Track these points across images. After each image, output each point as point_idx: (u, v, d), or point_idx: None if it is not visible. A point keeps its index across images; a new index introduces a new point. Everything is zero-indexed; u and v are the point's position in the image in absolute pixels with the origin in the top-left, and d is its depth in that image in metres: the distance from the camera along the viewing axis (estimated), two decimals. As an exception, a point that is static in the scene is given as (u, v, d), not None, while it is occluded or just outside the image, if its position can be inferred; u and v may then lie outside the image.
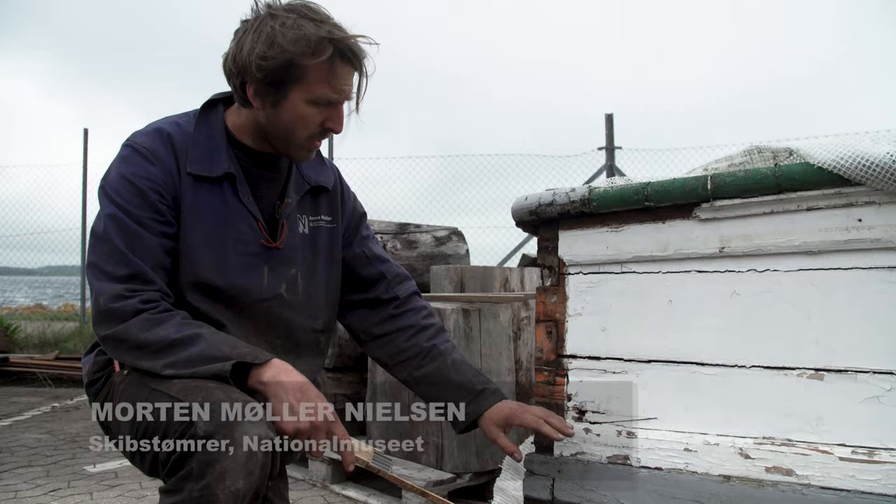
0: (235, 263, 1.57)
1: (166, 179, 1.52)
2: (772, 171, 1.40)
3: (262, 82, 1.49)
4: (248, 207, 1.59)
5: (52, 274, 25.98)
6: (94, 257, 1.50)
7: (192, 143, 1.57)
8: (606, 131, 8.36)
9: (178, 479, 1.33)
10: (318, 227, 1.73)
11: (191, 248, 1.54)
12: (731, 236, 1.48)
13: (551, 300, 1.70)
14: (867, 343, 1.36)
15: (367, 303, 1.82)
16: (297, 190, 1.69)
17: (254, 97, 1.52)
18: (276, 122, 1.54)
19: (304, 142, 1.57)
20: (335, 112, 1.55)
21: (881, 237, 1.34)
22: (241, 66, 1.49)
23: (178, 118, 1.62)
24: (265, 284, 1.61)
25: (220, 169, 1.56)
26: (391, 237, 4.10)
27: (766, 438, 1.44)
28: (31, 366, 6.83)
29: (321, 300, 1.73)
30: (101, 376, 1.63)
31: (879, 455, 1.32)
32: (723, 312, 1.50)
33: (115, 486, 3.42)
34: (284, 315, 1.65)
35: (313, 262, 1.71)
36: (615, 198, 1.57)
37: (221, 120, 1.62)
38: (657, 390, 1.57)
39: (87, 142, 9.75)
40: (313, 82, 1.49)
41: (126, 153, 1.54)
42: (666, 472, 1.52)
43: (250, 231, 1.59)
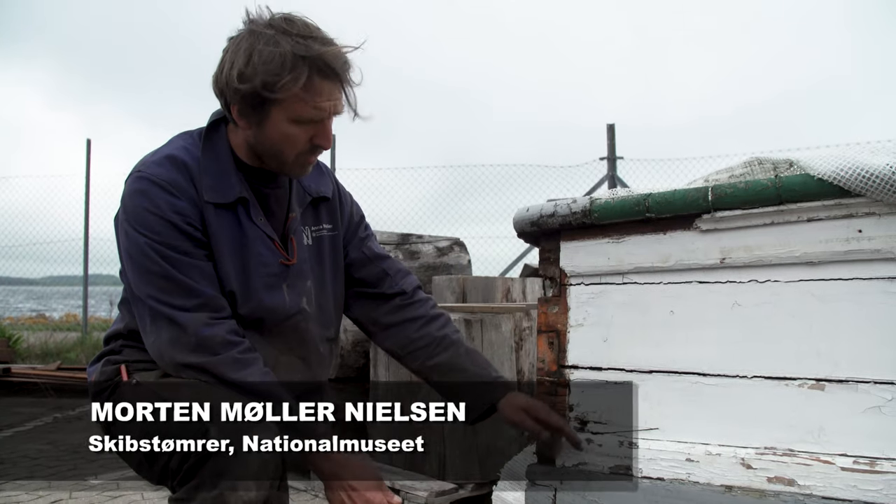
0: (259, 286, 1.59)
1: (194, 211, 1.53)
2: (772, 182, 1.41)
3: (242, 103, 1.48)
4: (262, 229, 1.60)
5: (55, 284, 25.99)
6: (155, 292, 1.50)
7: (203, 171, 1.56)
8: (608, 141, 8.38)
9: (190, 489, 1.35)
10: (320, 237, 1.74)
11: (221, 277, 1.56)
12: (732, 247, 1.48)
13: (553, 311, 1.71)
14: (868, 353, 1.36)
15: (372, 297, 1.83)
16: (300, 203, 1.70)
17: (238, 118, 1.52)
18: (264, 141, 1.54)
19: (294, 159, 1.56)
20: (321, 128, 1.54)
21: (881, 248, 1.34)
22: (222, 88, 1.49)
23: (185, 142, 1.61)
24: (288, 301, 1.62)
25: (232, 194, 1.57)
26: (393, 248, 4.11)
27: (768, 449, 1.44)
28: (33, 376, 6.83)
29: (331, 309, 1.75)
30: (108, 386, 1.63)
31: (881, 465, 1.33)
32: (724, 323, 1.50)
33: (116, 497, 3.42)
34: (308, 328, 1.67)
35: (321, 272, 1.72)
36: (616, 209, 1.58)
37: (225, 141, 1.62)
38: (659, 401, 1.57)
39: (90, 152, 9.78)
40: (293, 102, 1.47)
41: (144, 186, 1.52)
42: (668, 482, 1.52)
43: (268, 252, 1.60)
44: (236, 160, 1.61)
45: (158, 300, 1.49)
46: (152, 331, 1.52)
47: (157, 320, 1.51)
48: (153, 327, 1.52)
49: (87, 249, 9.67)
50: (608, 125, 8.42)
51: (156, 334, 1.51)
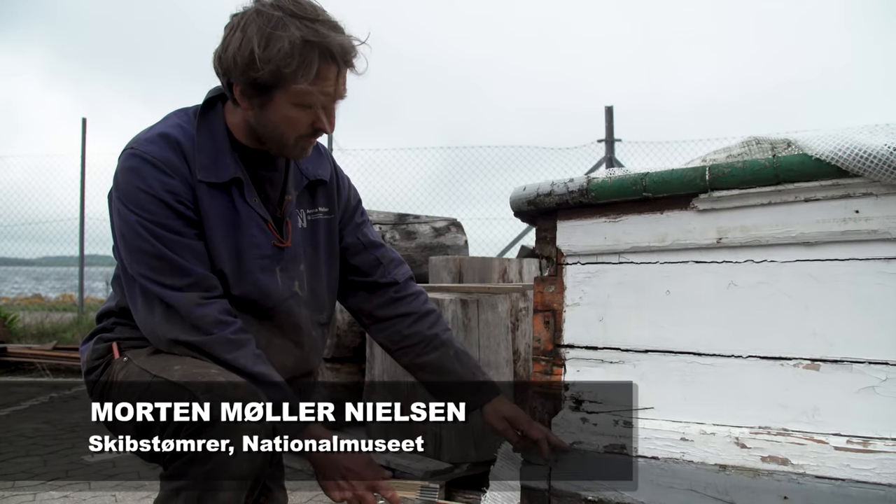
0: (253, 268, 1.58)
1: (186, 190, 1.51)
2: (770, 162, 1.41)
3: (247, 86, 1.47)
4: (256, 210, 1.58)
5: (51, 265, 25.95)
6: (146, 271, 1.50)
7: (198, 150, 1.54)
8: (606, 123, 8.35)
9: (182, 464, 1.35)
10: (315, 220, 1.73)
11: (214, 257, 1.55)
12: (729, 227, 1.48)
13: (549, 290, 1.71)
14: (863, 333, 1.37)
15: (365, 286, 1.83)
16: (296, 186, 1.69)
17: (240, 98, 1.50)
18: (265, 123, 1.52)
19: (295, 142, 1.55)
20: (325, 112, 1.53)
21: (878, 228, 1.34)
22: (227, 68, 1.47)
23: (180, 119, 1.60)
24: (281, 285, 1.62)
25: (227, 174, 1.55)
26: (390, 228, 4.11)
27: (763, 428, 1.45)
28: (29, 356, 6.83)
29: (324, 293, 1.74)
30: (100, 364, 1.63)
31: (874, 444, 1.33)
32: (720, 303, 1.50)
33: (113, 476, 3.43)
34: (300, 312, 1.66)
35: (314, 256, 1.71)
36: (613, 188, 1.57)
37: (222, 120, 1.60)
38: (654, 380, 1.57)
39: (86, 131, 9.72)
40: (298, 87, 1.46)
41: (136, 164, 1.51)
42: (662, 461, 1.52)
43: (262, 234, 1.59)
44: (232, 140, 1.59)
45: (150, 279, 1.49)
46: (144, 309, 1.52)
47: (148, 299, 1.51)
48: (145, 306, 1.52)
49: (83, 229, 9.64)
50: (606, 107, 8.39)
51: (148, 312, 1.51)
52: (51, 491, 3.17)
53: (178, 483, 1.34)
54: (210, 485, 1.33)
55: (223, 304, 1.53)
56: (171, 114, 1.63)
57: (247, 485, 1.36)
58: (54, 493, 3.16)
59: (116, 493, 3.15)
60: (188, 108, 1.63)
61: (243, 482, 1.35)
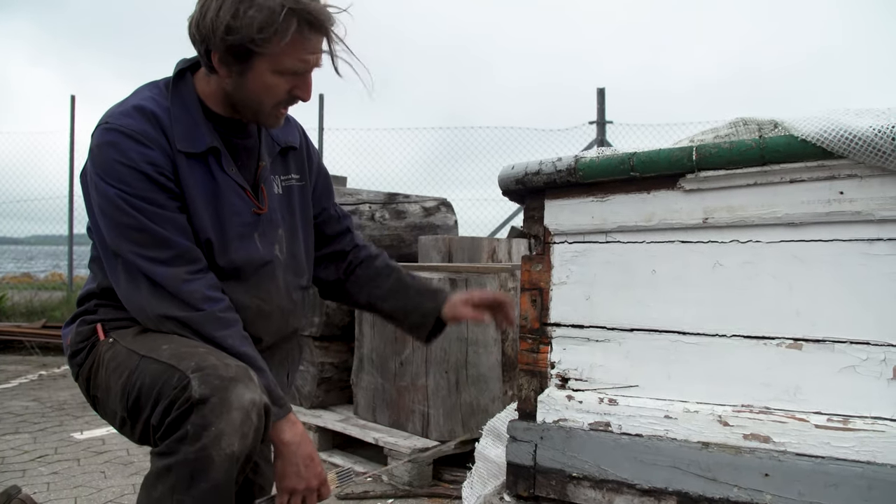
0: (234, 236, 1.58)
1: (166, 161, 1.50)
2: (756, 142, 1.41)
3: (226, 52, 1.45)
4: (234, 179, 1.58)
5: (40, 244, 25.82)
6: (129, 245, 1.48)
7: (173, 121, 1.53)
8: (598, 105, 8.35)
9: (173, 442, 1.34)
10: (290, 187, 1.74)
11: (196, 227, 1.55)
12: (715, 207, 1.49)
13: (536, 269, 1.72)
14: (846, 314, 1.38)
15: (332, 256, 1.89)
16: (269, 152, 1.70)
17: (219, 65, 1.49)
18: (243, 91, 1.52)
19: (271, 110, 1.55)
20: (302, 80, 1.53)
21: (862, 210, 1.35)
22: (205, 35, 1.45)
23: (151, 92, 1.58)
24: (261, 250, 1.62)
25: (203, 144, 1.54)
26: (380, 207, 4.10)
27: (745, 406, 1.47)
28: (18, 334, 6.82)
29: (303, 258, 1.76)
30: (84, 346, 1.61)
31: (854, 423, 1.35)
32: (705, 283, 1.51)
33: (102, 453, 3.44)
34: (283, 276, 1.67)
35: (291, 221, 1.73)
36: (601, 167, 1.58)
37: (193, 90, 1.59)
38: (639, 359, 1.59)
39: (75, 109, 9.64)
40: (279, 54, 1.46)
41: (113, 138, 1.48)
42: (646, 438, 1.54)
43: (241, 202, 1.59)
44: (205, 110, 1.59)
45: (134, 253, 1.48)
46: (128, 285, 1.51)
47: (132, 275, 1.49)
48: (129, 282, 1.51)
49: (72, 207, 9.59)
50: (598, 89, 8.38)
51: (133, 289, 1.50)
52: (40, 468, 3.18)
53: (170, 460, 1.33)
54: (202, 463, 1.31)
55: (210, 279, 1.53)
56: (141, 87, 1.62)
57: (239, 462, 1.36)
58: (43, 469, 3.17)
59: (105, 470, 3.16)
60: (158, 80, 1.62)
61: (235, 460, 1.34)
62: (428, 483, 2.89)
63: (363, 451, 3.31)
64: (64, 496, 2.81)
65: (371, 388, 3.28)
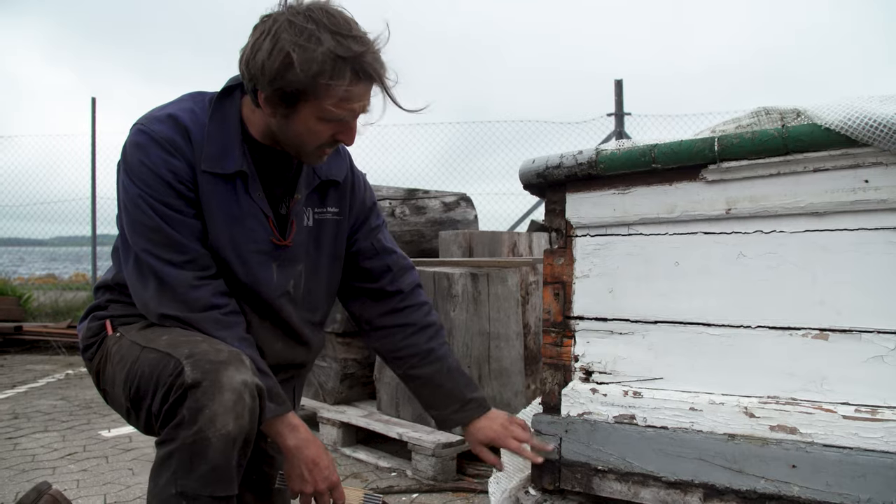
0: (249, 260, 1.60)
1: (188, 171, 1.53)
2: (779, 132, 1.40)
3: (273, 94, 1.45)
4: (259, 205, 1.59)
5: (63, 245, 26.11)
6: (144, 244, 1.52)
7: (207, 139, 1.54)
8: (616, 97, 8.31)
9: (171, 429, 1.38)
10: (323, 220, 1.72)
11: (212, 242, 1.57)
12: (738, 198, 1.48)
13: (559, 262, 1.72)
14: (872, 303, 1.37)
15: (370, 292, 1.85)
16: (308, 185, 1.68)
17: (265, 105, 1.49)
18: (287, 132, 1.52)
19: (314, 150, 1.55)
20: (347, 126, 1.52)
21: (887, 198, 1.34)
22: (254, 74, 1.45)
23: (195, 104, 1.59)
24: (275, 281, 1.64)
25: (231, 167, 1.55)
26: (399, 203, 4.11)
27: (771, 398, 1.46)
28: (44, 334, 6.92)
29: (321, 295, 1.77)
30: (95, 341, 1.69)
31: (882, 413, 1.34)
32: (729, 274, 1.51)
33: (129, 450, 3.48)
34: (292, 311, 1.69)
35: (316, 257, 1.72)
36: (622, 160, 1.57)
37: (237, 111, 1.59)
38: (663, 351, 1.58)
39: (95, 111, 9.73)
40: (327, 103, 1.45)
41: (142, 140, 1.52)
42: (672, 431, 1.54)
43: (261, 229, 1.60)
44: (244, 132, 1.59)
45: (148, 252, 1.51)
46: (138, 282, 1.55)
47: (143, 272, 1.53)
48: (139, 278, 1.55)
49: (95, 209, 9.68)
50: (616, 81, 8.34)
51: (141, 286, 1.54)
52: (69, 465, 3.23)
53: (170, 447, 1.37)
54: (199, 446, 1.35)
55: (218, 286, 1.56)
56: (186, 95, 1.63)
57: (237, 444, 1.39)
58: (73, 466, 3.22)
59: (133, 467, 3.20)
60: (206, 92, 1.63)
61: (232, 440, 1.37)
62: (452, 477, 2.90)
63: (387, 447, 3.32)
64: (94, 493, 2.85)
65: (394, 383, 3.29)
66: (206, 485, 1.36)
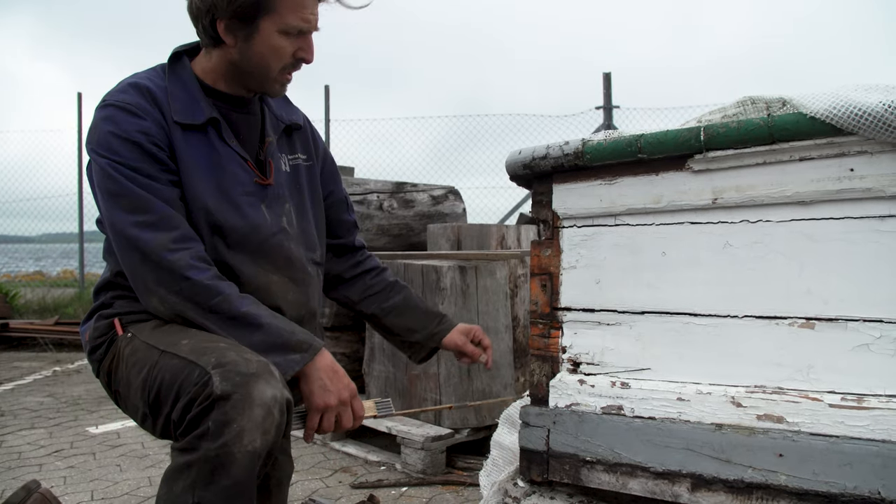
0: (240, 203, 1.61)
1: (159, 130, 1.53)
2: (764, 121, 1.40)
3: (232, 17, 1.52)
4: (235, 150, 1.62)
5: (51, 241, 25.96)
6: (119, 214, 1.50)
7: (170, 97, 1.57)
8: (604, 90, 8.32)
9: (194, 438, 1.33)
10: (297, 166, 1.78)
11: (196, 195, 1.56)
12: (724, 187, 1.48)
13: (545, 253, 1.71)
14: (858, 292, 1.37)
15: (336, 248, 1.94)
16: (274, 129, 1.74)
17: (225, 33, 1.55)
18: (250, 55, 1.57)
19: (277, 74, 1.61)
20: (305, 42, 1.59)
21: (872, 186, 1.34)
22: (210, 4, 1.52)
23: (147, 74, 1.63)
24: (269, 220, 1.64)
25: (201, 116, 1.58)
26: (388, 196, 4.10)
27: (758, 387, 1.46)
28: (31, 331, 6.88)
29: (314, 233, 1.80)
30: (103, 342, 1.62)
31: (868, 401, 1.34)
32: (715, 263, 1.50)
33: (117, 447, 3.46)
34: (291, 247, 1.69)
35: (300, 199, 1.76)
36: (608, 150, 1.57)
37: (190, 71, 1.64)
38: (650, 341, 1.58)
39: (82, 106, 9.69)
40: (284, 12, 1.53)
41: (109, 113, 1.52)
42: (659, 421, 1.54)
43: (243, 172, 1.62)
44: (204, 87, 1.64)
45: (123, 221, 1.49)
46: (129, 265, 1.53)
47: (126, 249, 1.51)
48: (126, 257, 1.52)
49: (82, 204, 9.65)
50: (604, 74, 8.35)
51: (129, 263, 1.52)
52: (56, 462, 3.21)
53: (190, 457, 1.32)
54: (223, 460, 1.30)
55: (196, 250, 1.52)
56: (138, 71, 1.66)
57: (260, 459, 1.34)
58: (59, 463, 3.20)
59: (121, 463, 3.18)
60: (154, 66, 1.66)
61: (257, 456, 1.33)
62: (441, 471, 2.90)
63: (376, 440, 3.32)
64: (81, 489, 2.84)
65: (383, 377, 3.28)
66: (225, 499, 1.31)
